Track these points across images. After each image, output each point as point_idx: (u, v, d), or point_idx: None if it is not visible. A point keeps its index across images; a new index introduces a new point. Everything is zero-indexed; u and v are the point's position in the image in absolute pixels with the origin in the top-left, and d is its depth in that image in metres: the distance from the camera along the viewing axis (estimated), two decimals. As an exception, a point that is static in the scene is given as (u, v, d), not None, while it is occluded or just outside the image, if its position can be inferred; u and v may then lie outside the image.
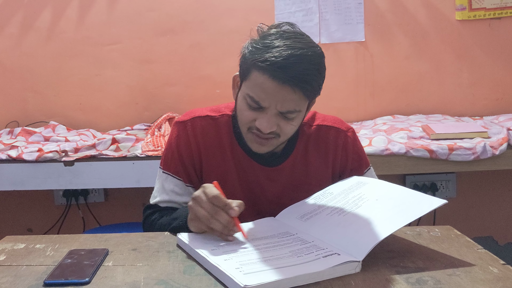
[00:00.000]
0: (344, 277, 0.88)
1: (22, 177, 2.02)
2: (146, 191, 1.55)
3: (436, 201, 0.99)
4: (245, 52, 1.14)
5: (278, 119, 1.12)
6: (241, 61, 1.16)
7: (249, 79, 1.12)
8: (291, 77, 1.06)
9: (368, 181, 1.17)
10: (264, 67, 1.07)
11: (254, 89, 1.10)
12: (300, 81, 1.07)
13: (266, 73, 1.07)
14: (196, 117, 1.28)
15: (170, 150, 1.29)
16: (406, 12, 2.51)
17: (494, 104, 2.57)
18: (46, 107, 2.56)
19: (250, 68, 1.11)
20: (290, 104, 1.10)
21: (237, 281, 0.82)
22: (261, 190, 1.27)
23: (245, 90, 1.13)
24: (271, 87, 1.08)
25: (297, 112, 1.13)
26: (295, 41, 1.09)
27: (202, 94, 2.55)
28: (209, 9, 2.51)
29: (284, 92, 1.08)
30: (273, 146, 1.18)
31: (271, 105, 1.10)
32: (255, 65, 1.09)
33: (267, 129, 1.12)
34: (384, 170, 1.94)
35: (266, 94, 1.09)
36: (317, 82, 1.13)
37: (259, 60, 1.08)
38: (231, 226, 1.00)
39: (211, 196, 1.00)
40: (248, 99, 1.12)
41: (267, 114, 1.11)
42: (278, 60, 1.06)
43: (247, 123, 1.15)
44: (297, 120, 1.15)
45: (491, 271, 0.89)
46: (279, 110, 1.11)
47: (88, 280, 0.89)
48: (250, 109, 1.13)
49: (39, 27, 2.51)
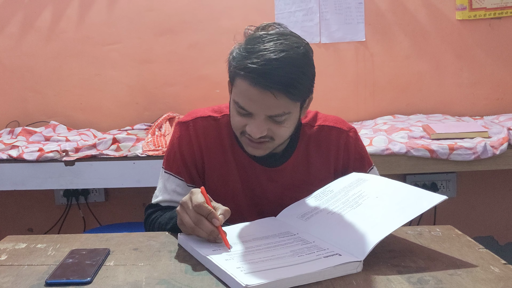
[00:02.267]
0: (345, 276, 0.88)
1: (22, 177, 2.02)
2: (147, 191, 1.55)
3: (436, 197, 0.99)
4: (230, 58, 1.14)
5: (269, 123, 1.11)
6: (228, 66, 1.16)
7: (234, 85, 1.12)
8: (272, 83, 1.04)
9: (368, 177, 1.17)
10: (245, 75, 1.06)
11: (239, 96, 1.10)
12: (283, 85, 1.05)
13: (247, 81, 1.07)
14: (198, 118, 1.28)
15: (173, 150, 1.29)
16: (407, 12, 2.51)
17: (494, 103, 2.57)
18: (46, 107, 2.56)
19: (234, 75, 1.11)
20: (277, 109, 1.09)
21: (238, 280, 0.82)
22: (262, 191, 1.27)
23: (233, 96, 1.14)
24: (254, 94, 1.07)
25: (287, 114, 1.11)
26: (276, 44, 1.07)
27: (201, 94, 2.55)
28: (208, 8, 2.51)
29: (267, 98, 1.06)
30: (270, 149, 1.18)
31: (257, 111, 1.09)
32: (237, 72, 1.09)
33: (257, 135, 1.11)
34: (385, 170, 1.94)
35: (251, 101, 1.08)
36: (303, 84, 1.09)
37: (240, 68, 1.08)
38: (215, 235, 0.99)
39: (195, 204, 1.00)
40: (236, 105, 1.12)
41: (256, 120, 1.11)
42: (257, 67, 1.04)
43: (239, 129, 1.15)
44: (289, 122, 1.14)
45: (492, 270, 0.89)
46: (267, 115, 1.10)
47: (89, 280, 0.89)
48: (240, 115, 1.13)
49: (39, 27, 2.51)
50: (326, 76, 2.55)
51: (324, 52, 2.54)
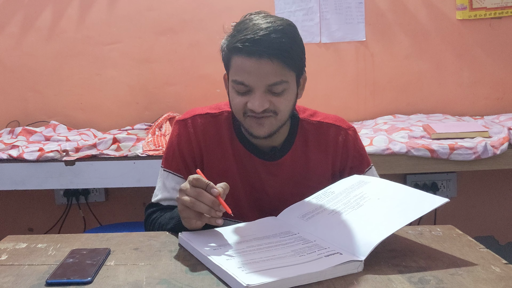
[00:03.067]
0: (346, 276, 0.88)
1: (23, 176, 2.02)
2: (147, 190, 1.55)
3: (438, 199, 0.99)
4: (223, 46, 1.19)
5: (269, 96, 1.15)
6: (222, 56, 1.21)
7: (231, 67, 1.17)
8: (265, 49, 1.10)
9: (369, 180, 1.17)
10: (239, 48, 1.12)
11: (237, 73, 1.15)
12: (275, 50, 1.10)
13: (242, 54, 1.12)
14: (196, 115, 1.29)
15: (171, 148, 1.29)
16: (407, 12, 2.51)
17: (495, 103, 2.57)
18: (46, 106, 2.56)
19: (230, 57, 1.16)
20: (274, 76, 1.12)
21: (239, 280, 0.82)
22: (261, 185, 1.27)
23: (231, 77, 1.18)
24: (250, 65, 1.12)
25: (284, 83, 1.14)
26: (263, 19, 1.14)
27: (202, 94, 2.55)
28: (208, 8, 2.51)
29: (263, 66, 1.11)
30: (274, 127, 1.19)
31: (256, 82, 1.13)
32: (231, 51, 1.15)
33: (260, 107, 1.13)
34: (385, 170, 1.94)
35: (248, 73, 1.12)
36: (294, 50, 1.14)
37: (233, 45, 1.13)
38: (216, 205, 1.00)
39: (192, 178, 1.02)
40: (235, 85, 1.16)
41: (256, 93, 1.14)
42: (249, 38, 1.11)
43: (240, 109, 1.17)
44: (288, 94, 1.17)
45: (493, 270, 0.89)
46: (266, 85, 1.13)
47: (90, 280, 0.89)
48: (240, 95, 1.16)
49: (40, 27, 2.50)
50: (326, 76, 2.55)
51: (324, 52, 2.54)
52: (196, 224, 1.05)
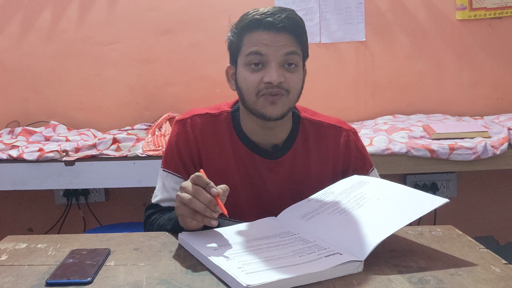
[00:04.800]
0: (346, 276, 0.88)
1: (22, 177, 2.02)
2: (147, 191, 1.55)
3: (438, 200, 0.99)
4: (230, 35, 1.23)
5: (282, 71, 1.17)
6: (228, 46, 1.24)
7: (243, 48, 1.19)
8: (280, 21, 1.15)
9: (369, 180, 1.17)
10: (255, 23, 1.16)
11: (252, 45, 1.17)
12: (290, 22, 1.16)
13: (259, 29, 1.16)
14: (196, 115, 1.30)
15: (170, 148, 1.30)
16: (407, 12, 2.51)
17: (494, 103, 2.57)
18: (46, 106, 2.56)
19: (241, 38, 1.19)
20: (289, 46, 1.17)
21: (239, 280, 0.82)
22: (262, 183, 1.27)
23: (244, 54, 1.19)
24: (266, 37, 1.16)
25: (297, 55, 1.19)
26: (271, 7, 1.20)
27: (202, 94, 2.55)
28: (208, 8, 2.51)
29: (280, 37, 1.16)
30: (285, 107, 1.20)
31: (273, 53, 1.16)
32: (245, 30, 1.18)
33: (276, 79, 1.15)
34: (385, 170, 1.94)
35: (265, 44, 1.16)
36: (303, 28, 1.20)
37: (247, 23, 1.17)
38: (213, 205, 1.00)
39: (193, 176, 1.02)
40: (249, 59, 1.18)
41: (272, 66, 1.16)
42: (264, 14, 1.16)
43: (255, 87, 1.18)
44: (298, 73, 1.20)
45: (493, 270, 0.89)
46: (282, 55, 1.16)
47: (90, 280, 0.89)
48: (255, 72, 1.18)
49: (40, 27, 2.51)
50: (326, 76, 2.55)
51: (324, 52, 2.54)
52: (191, 224, 1.05)
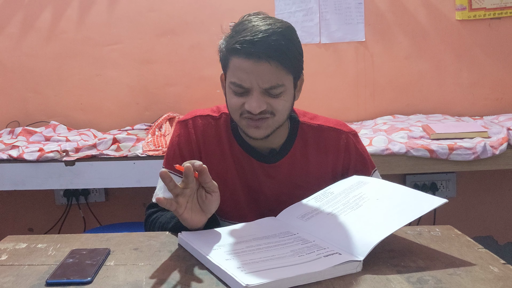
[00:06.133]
0: (345, 276, 0.88)
1: (23, 177, 2.02)
2: (147, 191, 1.55)
3: (437, 200, 1.00)
4: (221, 46, 1.19)
5: (266, 98, 1.14)
6: (220, 57, 1.21)
7: (229, 68, 1.17)
8: (264, 50, 1.10)
9: (368, 180, 1.17)
10: (237, 49, 1.12)
11: (235, 74, 1.14)
12: (273, 51, 1.10)
13: (240, 55, 1.12)
14: (197, 116, 1.30)
15: (172, 148, 1.31)
16: (406, 12, 2.51)
17: (494, 104, 2.57)
18: (46, 107, 2.56)
19: (228, 58, 1.16)
20: (271, 79, 1.12)
21: (238, 280, 0.83)
22: (260, 187, 1.27)
23: (228, 79, 1.17)
24: (248, 66, 1.12)
25: (281, 86, 1.14)
26: (262, 21, 1.14)
27: (202, 95, 2.55)
28: (209, 9, 2.51)
29: (261, 68, 1.11)
30: (271, 128, 1.18)
31: (253, 84, 1.13)
32: (230, 52, 1.15)
33: (257, 109, 1.13)
34: (385, 170, 1.94)
35: (246, 74, 1.12)
36: (292, 53, 1.14)
37: (232, 46, 1.13)
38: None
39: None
40: (232, 86, 1.16)
41: (253, 95, 1.13)
42: (248, 39, 1.11)
43: (237, 110, 1.17)
44: (285, 96, 1.16)
45: (491, 270, 0.90)
46: (262, 88, 1.13)
47: (90, 280, 0.89)
48: (237, 96, 1.16)
49: (40, 27, 2.51)
50: (326, 76, 2.55)
51: (324, 52, 2.54)
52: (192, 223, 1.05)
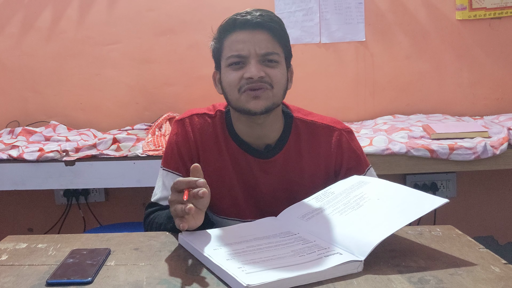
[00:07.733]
0: (346, 276, 0.88)
1: (23, 177, 2.02)
2: (147, 190, 1.55)
3: (438, 200, 0.99)
4: (212, 42, 1.28)
5: (263, 67, 1.19)
6: (212, 54, 1.29)
7: (224, 52, 1.23)
8: (256, 20, 1.19)
9: (369, 180, 1.17)
10: (232, 26, 1.21)
11: (231, 48, 1.21)
12: (267, 21, 1.20)
13: (236, 29, 1.21)
14: (194, 115, 1.32)
15: (170, 147, 1.32)
16: (407, 12, 2.51)
17: (494, 103, 2.57)
18: (46, 106, 2.56)
19: (222, 42, 1.24)
20: (267, 45, 1.19)
21: (239, 280, 0.83)
22: (255, 183, 1.28)
23: (225, 57, 1.23)
24: (244, 36, 1.20)
25: (276, 54, 1.20)
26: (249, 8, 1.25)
27: (201, 94, 2.55)
28: (208, 9, 2.51)
29: (257, 36, 1.19)
30: (270, 100, 1.21)
31: (251, 51, 1.19)
32: (224, 33, 1.23)
33: (256, 73, 1.17)
34: (385, 170, 1.94)
35: (243, 43, 1.19)
36: (281, 26, 1.23)
37: (225, 26, 1.23)
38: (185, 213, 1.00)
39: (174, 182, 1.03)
40: (229, 61, 1.21)
41: (251, 63, 1.19)
42: (242, 13, 1.22)
43: (236, 84, 1.21)
44: (281, 69, 1.22)
45: (493, 270, 0.90)
46: (259, 54, 1.18)
47: (90, 280, 0.89)
48: (235, 70, 1.21)
49: (40, 27, 2.51)
50: (326, 76, 2.55)
51: (324, 52, 2.54)
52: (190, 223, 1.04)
